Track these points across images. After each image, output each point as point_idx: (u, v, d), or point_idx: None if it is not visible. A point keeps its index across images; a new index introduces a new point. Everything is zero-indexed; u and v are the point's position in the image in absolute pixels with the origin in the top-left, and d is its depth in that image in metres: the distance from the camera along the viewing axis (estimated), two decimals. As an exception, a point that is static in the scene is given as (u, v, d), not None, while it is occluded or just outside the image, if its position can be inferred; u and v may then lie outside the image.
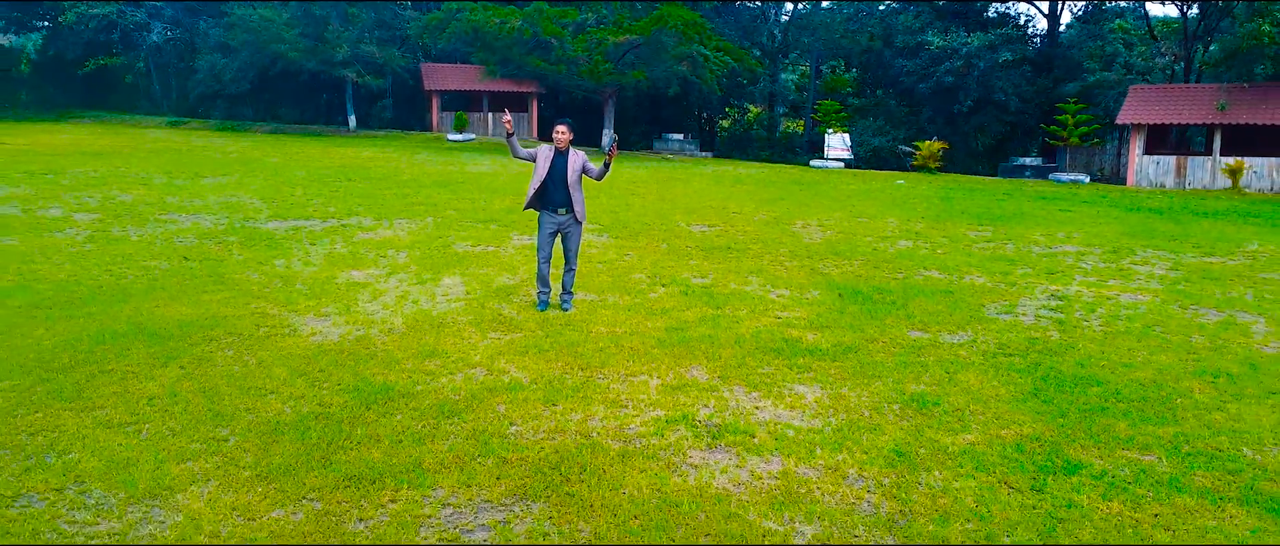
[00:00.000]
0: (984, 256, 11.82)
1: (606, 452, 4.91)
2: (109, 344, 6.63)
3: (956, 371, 6.57)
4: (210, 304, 7.99)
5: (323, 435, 5.03)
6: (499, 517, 4.16)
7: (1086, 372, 6.62)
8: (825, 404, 5.80)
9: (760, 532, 4.07)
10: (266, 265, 9.83)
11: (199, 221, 12.73)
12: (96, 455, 4.69)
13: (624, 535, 4.02)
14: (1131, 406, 5.90)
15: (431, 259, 10.38)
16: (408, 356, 6.57)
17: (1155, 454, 5.12)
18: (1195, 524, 4.28)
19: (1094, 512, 4.35)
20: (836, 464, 4.86)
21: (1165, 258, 12.16)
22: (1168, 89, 29.66)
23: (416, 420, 5.32)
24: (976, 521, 4.23)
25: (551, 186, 7.80)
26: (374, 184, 18.05)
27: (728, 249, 11.74)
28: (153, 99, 45.28)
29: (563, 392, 5.85)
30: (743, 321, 7.88)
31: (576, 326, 7.53)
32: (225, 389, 5.76)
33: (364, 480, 4.49)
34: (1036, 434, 5.36)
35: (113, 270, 9.35)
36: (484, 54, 32.66)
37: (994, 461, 4.93)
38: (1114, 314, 8.64)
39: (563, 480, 4.55)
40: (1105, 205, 19.34)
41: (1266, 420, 5.72)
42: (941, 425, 5.47)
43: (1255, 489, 4.67)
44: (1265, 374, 6.75)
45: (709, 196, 18.22)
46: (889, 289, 9.46)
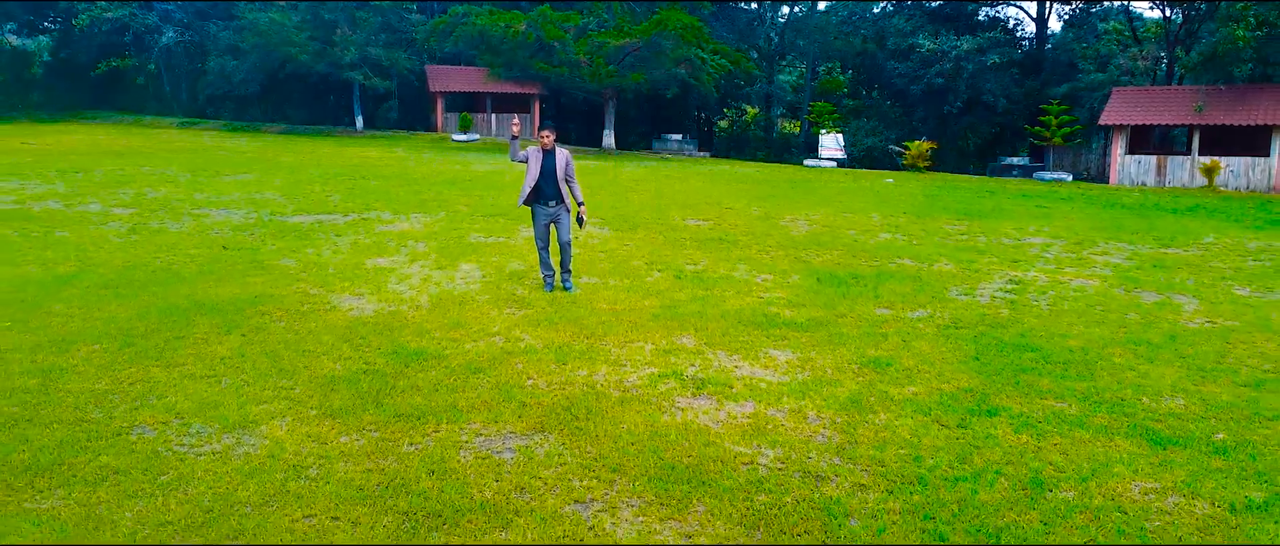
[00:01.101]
0: (955, 247, 12.83)
1: (608, 399, 5.91)
2: (176, 317, 7.64)
3: (912, 340, 7.58)
4: (255, 285, 8.99)
5: (371, 386, 6.03)
6: (522, 444, 5.16)
7: (1024, 341, 7.62)
8: (794, 364, 6.81)
9: (732, 455, 5.07)
10: (299, 253, 10.83)
11: (229, 216, 13.73)
12: (188, 398, 5.70)
13: (623, 456, 5.01)
14: (1056, 367, 6.91)
15: (448, 248, 11.38)
16: (436, 327, 7.58)
17: (1067, 401, 6.12)
18: (1085, 450, 5.27)
19: (1004, 442, 5.35)
20: (799, 408, 5.86)
21: (1124, 249, 13.15)
22: (1149, 91, 30.67)
23: (448, 375, 6.32)
24: (908, 448, 5.23)
25: (543, 182, 8.79)
26: (387, 182, 19.05)
27: (719, 240, 12.74)
28: (162, 100, 46.27)
29: (571, 355, 6.86)
30: (728, 300, 8.88)
31: (581, 304, 8.53)
32: (283, 352, 6.76)
33: (410, 417, 5.49)
34: (970, 387, 6.36)
35: (161, 257, 10.35)
36: (489, 57, 33.70)
37: (931, 406, 5.93)
38: (1062, 295, 9.64)
39: (573, 418, 5.55)
40: (1081, 202, 20.33)
41: (1169, 378, 6.73)
42: (891, 380, 6.47)
43: (1142, 426, 5.67)
44: (1181, 343, 7.75)
45: (704, 193, 19.22)
46: (863, 274, 10.47)
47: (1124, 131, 29.13)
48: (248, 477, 4.60)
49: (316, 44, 36.70)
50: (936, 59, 34.86)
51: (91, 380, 6.00)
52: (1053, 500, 4.61)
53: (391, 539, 4.02)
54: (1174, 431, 5.60)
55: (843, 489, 4.67)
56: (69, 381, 5.96)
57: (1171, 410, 6.01)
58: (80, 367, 6.25)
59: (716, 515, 4.35)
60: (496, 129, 41.00)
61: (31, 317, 7.50)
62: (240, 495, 4.40)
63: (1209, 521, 4.42)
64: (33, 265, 9.66)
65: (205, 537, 3.98)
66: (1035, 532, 4.25)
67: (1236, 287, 10.43)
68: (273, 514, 4.22)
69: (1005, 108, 34.71)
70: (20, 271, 9.32)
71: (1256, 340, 7.96)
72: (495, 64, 34.05)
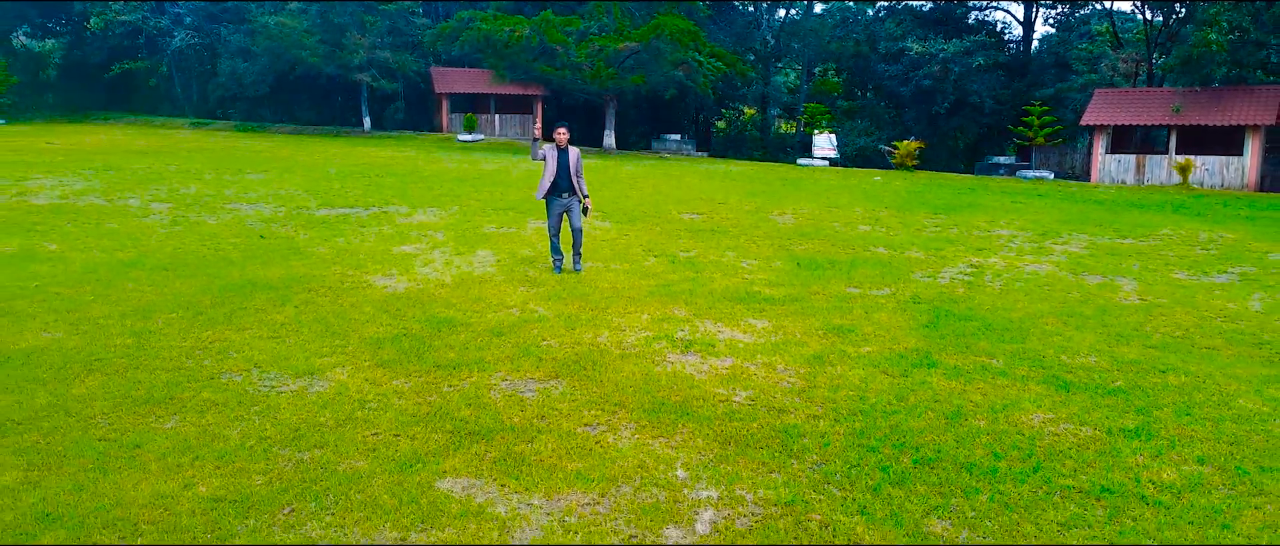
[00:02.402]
0: (928, 238, 13.98)
1: (610, 355, 7.06)
2: (234, 292, 8.79)
3: (873, 312, 8.73)
4: (297, 268, 10.14)
5: (411, 345, 7.18)
6: (541, 387, 6.31)
7: (972, 313, 8.78)
8: (769, 330, 7.96)
9: (712, 394, 6.21)
10: (329, 242, 11.97)
11: (259, 209, 14.87)
12: (261, 353, 6.85)
13: (623, 395, 6.16)
14: (994, 333, 8.06)
15: (465, 237, 12.54)
16: (460, 301, 8.73)
17: (997, 358, 7.27)
18: (1002, 393, 6.42)
19: (937, 386, 6.50)
20: (771, 362, 7.01)
21: (1084, 240, 14.30)
22: (1129, 93, 31.83)
23: (475, 338, 7.47)
24: (856, 390, 6.38)
25: (559, 176, 9.95)
26: (400, 179, 20.19)
27: (711, 231, 13.89)
28: (174, 101, 47.44)
29: (578, 322, 8.01)
30: (716, 280, 10.04)
31: (586, 283, 9.68)
32: (332, 319, 7.92)
33: (447, 367, 6.64)
34: (916, 347, 7.51)
35: (207, 245, 11.50)
36: (494, 60, 34.86)
37: (880, 361, 7.08)
38: (1015, 278, 10.80)
39: (581, 369, 6.70)
40: (1056, 198, 21.48)
41: (1089, 341, 7.88)
42: (850, 342, 7.63)
43: (1054, 375, 6.82)
44: (1109, 316, 8.91)
45: (700, 190, 20.36)
46: (839, 260, 11.62)
47: (1105, 131, 30.28)
48: (323, 408, 5.75)
49: (326, 47, 37.86)
50: (925, 62, 36.05)
51: (177, 339, 7.16)
52: (968, 426, 5.76)
53: (443, 447, 5.17)
54: (1080, 380, 6.76)
55: (800, 418, 5.82)
56: (159, 340, 7.11)
57: (1083, 364, 7.17)
58: (165, 331, 7.40)
59: (697, 435, 5.50)
60: (500, 129, 42.16)
61: (110, 293, 8.66)
62: (320, 419, 5.56)
63: (1088, 440, 5.57)
64: (95, 251, 10.81)
65: (298, 447, 5.13)
66: (948, 447, 5.40)
67: (1176, 272, 11.58)
68: (348, 431, 5.37)
69: (992, 108, 35.90)
70: (88, 256, 10.47)
71: (1176, 314, 9.12)
72: (500, 67, 35.23)
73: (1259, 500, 4.79)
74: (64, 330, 7.33)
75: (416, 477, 4.77)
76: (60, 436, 5.20)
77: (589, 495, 4.64)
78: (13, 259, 10.17)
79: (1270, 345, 7.95)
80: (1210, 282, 10.92)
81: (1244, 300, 9.90)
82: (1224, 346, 7.90)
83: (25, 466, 4.80)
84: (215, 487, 4.60)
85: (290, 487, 4.62)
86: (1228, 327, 8.58)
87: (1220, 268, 12.00)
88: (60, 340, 7.04)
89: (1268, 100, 28.21)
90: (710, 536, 4.25)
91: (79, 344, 6.96)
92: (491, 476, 4.82)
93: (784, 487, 4.78)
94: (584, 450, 5.21)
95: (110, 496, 4.48)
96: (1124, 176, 29.89)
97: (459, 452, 5.11)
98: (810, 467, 5.05)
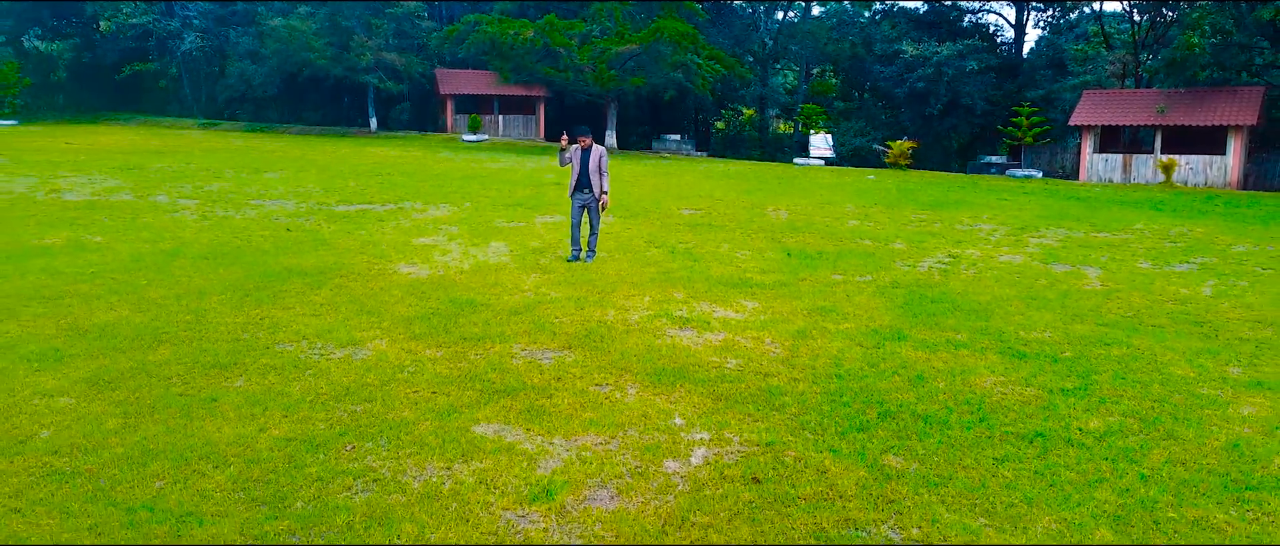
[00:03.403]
0: (913, 231, 14.85)
1: (616, 329, 7.93)
2: (274, 278, 9.66)
3: (854, 295, 9.60)
4: (326, 257, 11.01)
5: (439, 322, 8.05)
6: (556, 355, 7.18)
7: (943, 296, 9.65)
8: (759, 310, 8.83)
9: (706, 361, 7.08)
10: (353, 235, 12.84)
11: (282, 205, 15.75)
12: (308, 327, 7.72)
13: (628, 362, 7.03)
14: (962, 313, 8.93)
15: (478, 231, 13.41)
16: (479, 285, 9.60)
17: (961, 333, 8.14)
18: (962, 361, 7.29)
19: (904, 356, 7.37)
20: (759, 336, 7.88)
21: (1060, 234, 15.17)
22: (1116, 94, 32.69)
23: (494, 316, 8.33)
24: (833, 359, 7.25)
25: (582, 176, 10.85)
26: (411, 177, 21.07)
27: (708, 225, 14.76)
28: (182, 102, 48.36)
29: (587, 303, 8.88)
30: (712, 268, 10.91)
31: (593, 271, 10.56)
32: (366, 300, 8.79)
33: (472, 339, 7.51)
34: (890, 324, 8.38)
35: (239, 237, 12.37)
36: (499, 62, 35.76)
37: (856, 335, 7.95)
38: (989, 267, 11.66)
39: (591, 341, 7.57)
40: (1041, 196, 22.35)
41: (1047, 320, 8.75)
42: (831, 320, 8.50)
43: (1010, 347, 7.69)
44: (1070, 299, 9.77)
45: (699, 188, 21.24)
46: (827, 251, 12.49)
47: (1093, 131, 31.14)
48: (368, 371, 6.62)
49: (334, 49, 38.77)
50: (919, 64, 36.94)
51: (230, 316, 8.03)
52: (928, 387, 6.62)
53: (475, 401, 6.03)
54: (1033, 351, 7.63)
55: (782, 381, 6.68)
56: (215, 317, 7.98)
57: (1038, 338, 8.04)
58: (218, 309, 8.28)
59: (692, 393, 6.37)
60: (503, 130, 43.04)
61: (162, 278, 9.53)
62: (366, 379, 6.43)
63: (1031, 398, 6.43)
64: (137, 243, 11.68)
65: (350, 401, 5.99)
66: (908, 402, 6.27)
67: (1141, 262, 12.45)
68: (392, 389, 6.25)
69: (984, 110, 36.79)
70: (132, 247, 11.34)
71: (1132, 298, 9.98)
72: (505, 69, 36.13)
73: (1168, 443, 5.65)
74: (128, 309, 8.20)
75: (455, 423, 5.64)
76: (146, 392, 6.07)
77: (601, 436, 5.51)
78: (64, 249, 11.04)
79: (1210, 324, 8.82)
80: (1170, 271, 11.79)
81: (1197, 286, 10.76)
82: (1168, 324, 8.77)
83: (123, 415, 5.67)
84: (285, 431, 5.47)
85: (349, 431, 5.49)
86: (1176, 309, 9.44)
87: (1183, 258, 12.86)
88: (127, 317, 7.92)
89: (1250, 101, 29.06)
90: (702, 467, 5.12)
91: (145, 320, 7.83)
92: (519, 423, 5.69)
93: (765, 432, 5.65)
94: (595, 404, 6.08)
95: (199, 436, 5.34)
96: (1111, 175, 30.76)
97: (489, 405, 5.98)
98: (789, 418, 5.92)
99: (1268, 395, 6.62)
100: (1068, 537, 4.40)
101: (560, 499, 4.65)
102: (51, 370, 6.45)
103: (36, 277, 9.37)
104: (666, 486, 4.85)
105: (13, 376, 6.30)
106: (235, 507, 4.48)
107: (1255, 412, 6.23)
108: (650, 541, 4.25)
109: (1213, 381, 6.94)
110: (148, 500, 4.53)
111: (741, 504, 4.66)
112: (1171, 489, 4.98)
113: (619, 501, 4.66)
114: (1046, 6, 40.93)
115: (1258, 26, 28.44)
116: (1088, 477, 5.09)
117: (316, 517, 4.39)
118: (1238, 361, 7.52)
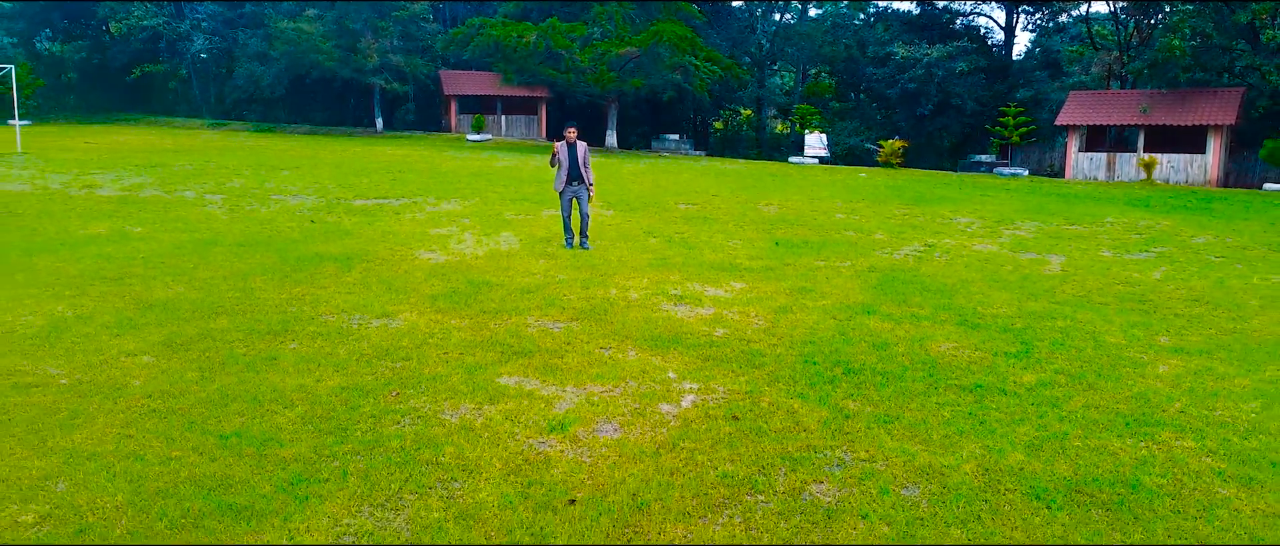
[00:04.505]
0: (895, 224, 15.84)
1: (618, 305, 8.93)
2: (307, 262, 10.66)
3: (833, 278, 10.60)
4: (351, 245, 12.01)
5: (460, 298, 9.04)
6: (565, 325, 8.17)
7: (914, 279, 10.64)
8: (746, 289, 9.83)
9: (697, 331, 8.07)
10: (372, 226, 13.83)
11: (303, 200, 16.74)
12: (345, 302, 8.72)
13: (628, 330, 8.02)
14: (929, 293, 9.93)
15: (488, 223, 14.40)
16: (493, 269, 10.59)
17: (925, 308, 9.14)
18: (921, 331, 8.28)
19: (872, 327, 8.36)
20: (745, 311, 8.88)
21: (1033, 226, 16.16)
22: (1101, 94, 33.71)
23: (509, 294, 9.33)
24: (809, 329, 8.24)
25: (570, 169, 11.84)
26: (421, 175, 22.07)
27: (703, 218, 15.76)
28: (191, 103, 49.34)
29: (592, 283, 9.88)
30: (705, 255, 11.90)
31: (596, 257, 11.55)
32: (392, 281, 9.78)
33: (491, 312, 8.51)
34: (862, 301, 9.38)
35: (268, 228, 13.36)
36: (503, 64, 36.80)
37: (831, 310, 8.95)
38: (960, 254, 12.66)
39: (596, 314, 8.56)
40: (1022, 192, 23.35)
41: (1005, 298, 9.74)
42: (810, 298, 9.49)
43: (966, 320, 8.68)
44: (1030, 281, 10.77)
45: (696, 185, 22.24)
46: (812, 241, 13.49)
47: (1079, 131, 32.16)
48: (402, 336, 7.62)
49: (341, 51, 39.78)
50: (910, 65, 37.97)
51: (274, 293, 9.02)
52: (889, 351, 7.62)
53: (497, 360, 7.03)
54: (986, 323, 8.63)
55: (762, 346, 7.68)
56: (261, 294, 8.98)
57: (994, 313, 9.04)
58: (262, 288, 9.27)
59: (684, 355, 7.36)
60: (506, 130, 44.04)
61: (207, 262, 10.53)
62: (402, 343, 7.42)
63: (978, 359, 7.43)
64: (176, 233, 12.67)
65: (391, 359, 6.98)
66: (870, 362, 7.26)
67: (1103, 251, 13.44)
68: (426, 350, 7.24)
69: (974, 110, 37.82)
70: (172, 236, 12.33)
71: (1087, 281, 10.98)
72: (509, 71, 37.17)
73: (1088, 392, 6.65)
74: (183, 287, 9.20)
75: (481, 376, 6.64)
76: (214, 353, 7.06)
77: (606, 386, 6.50)
78: (111, 238, 12.04)
79: (1151, 302, 9.82)
80: (1128, 259, 12.78)
81: (1150, 272, 11.76)
82: (1113, 302, 9.77)
83: (198, 369, 6.66)
84: (339, 382, 6.46)
85: (392, 382, 6.48)
86: (1124, 290, 10.44)
87: (1144, 247, 13.86)
88: (184, 293, 8.92)
89: (1229, 101, 30.07)
90: (690, 409, 6.11)
91: (200, 296, 8.83)
92: (536, 376, 6.69)
93: (745, 384, 6.64)
94: (601, 362, 7.07)
95: (267, 385, 6.34)
96: (1096, 173, 31.76)
97: (509, 363, 6.98)
98: (766, 374, 6.91)
99: (1184, 358, 7.62)
100: (987, 461, 5.39)
101: (573, 430, 5.65)
102: (129, 335, 7.45)
103: (94, 262, 10.37)
104: (660, 422, 5.85)
105: (97, 340, 7.30)
106: (307, 435, 5.47)
107: (1169, 371, 7.23)
108: (647, 460, 5.24)
109: (1140, 347, 7.94)
110: (235, 430, 5.52)
111: (722, 435, 5.65)
112: (1082, 425, 5.97)
113: (621, 432, 5.65)
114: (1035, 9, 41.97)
115: (1236, 29, 29.44)
116: (1013, 417, 6.09)
117: (375, 442, 5.38)
118: (1167, 332, 8.52)
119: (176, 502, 4.54)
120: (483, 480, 4.89)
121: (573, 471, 5.04)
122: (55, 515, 4.40)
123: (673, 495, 4.78)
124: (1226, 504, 4.84)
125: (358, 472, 4.95)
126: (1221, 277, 11.37)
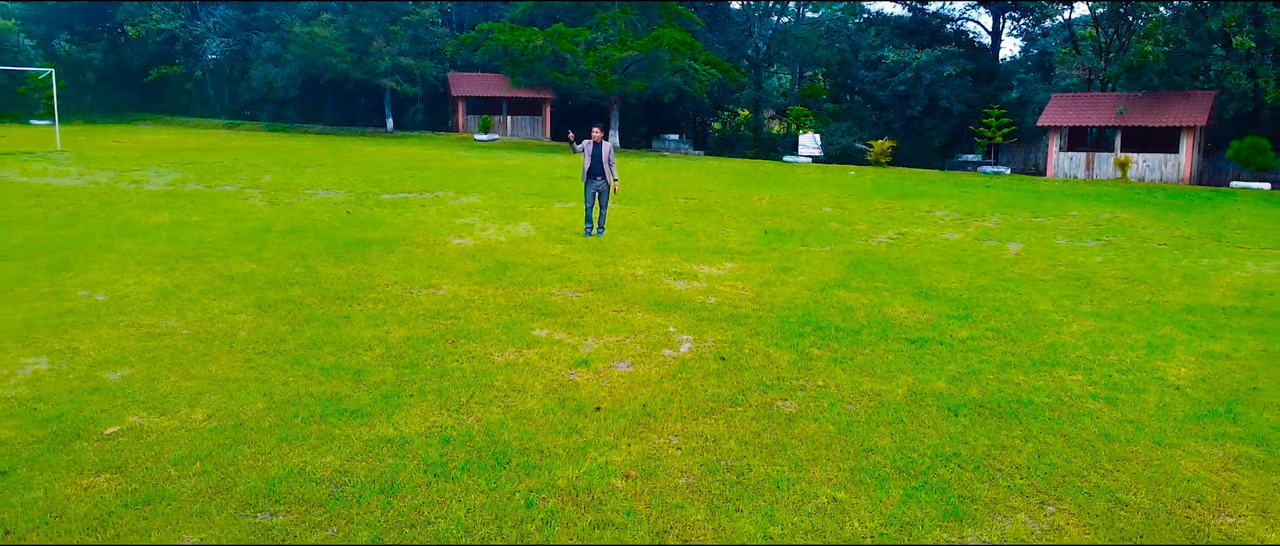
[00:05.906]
0: (876, 216, 17.41)
1: (626, 279, 10.50)
2: (354, 246, 12.22)
3: (811, 259, 12.17)
4: (387, 232, 13.56)
5: (492, 273, 10.61)
6: (582, 294, 9.73)
7: (884, 261, 12.21)
8: (736, 268, 11.40)
9: (694, 299, 9.64)
10: (402, 217, 15.39)
11: (333, 194, 18.29)
12: (394, 276, 10.28)
13: (635, 299, 9.58)
14: (894, 272, 11.49)
15: (506, 213, 15.97)
16: (514, 252, 12.16)
17: (889, 285, 10.70)
18: (882, 300, 9.84)
19: (841, 298, 9.92)
20: (734, 285, 10.44)
21: (1002, 218, 17.73)
22: (1081, 97, 35.29)
23: (532, 271, 10.89)
24: (788, 299, 9.80)
25: (593, 166, 13.42)
26: (437, 172, 23.63)
27: (700, 211, 17.33)
28: (206, 104, 50.93)
29: (603, 263, 11.45)
30: (701, 241, 13.47)
31: (604, 242, 13.11)
32: (431, 261, 11.34)
33: (519, 284, 10.07)
34: (835, 278, 10.95)
35: (309, 218, 14.91)
36: (510, 67, 38.41)
37: (808, 284, 10.52)
38: (929, 242, 14.23)
39: (607, 286, 10.12)
40: (1000, 189, 24.92)
41: (959, 276, 11.31)
42: (791, 275, 11.06)
43: (922, 292, 10.25)
44: (986, 262, 12.33)
45: (694, 182, 23.80)
46: (797, 230, 15.06)
47: (1060, 131, 33.74)
48: (448, 302, 9.18)
49: (354, 54, 41.35)
50: (900, 69, 39.58)
51: (333, 270, 10.59)
52: (852, 314, 9.18)
53: (529, 318, 8.59)
54: (938, 294, 10.19)
55: (747, 310, 9.24)
56: (323, 270, 10.54)
57: (945, 287, 10.60)
58: (322, 266, 10.83)
59: (682, 316, 8.92)
60: (512, 130, 45.61)
61: (267, 245, 12.09)
62: (449, 306, 8.98)
63: (925, 321, 8.98)
64: (229, 221, 14.22)
65: (442, 319, 8.53)
66: (835, 322, 8.81)
67: (1058, 239, 15.01)
68: (470, 311, 8.80)
69: (962, 111, 39.43)
70: (226, 224, 13.89)
71: (1036, 263, 12.54)
72: (515, 73, 38.79)
73: (1009, 344, 8.21)
74: (255, 264, 10.76)
75: (518, 330, 8.20)
76: (298, 313, 8.62)
77: (619, 336, 8.07)
78: (174, 226, 13.60)
79: (1084, 279, 11.39)
80: (1079, 246, 14.35)
81: (1094, 256, 13.32)
82: (1053, 281, 11.34)
83: (289, 324, 8.22)
84: (404, 333, 8.02)
85: (446, 334, 8.04)
86: (1065, 271, 12.01)
87: (1096, 237, 15.42)
88: (257, 269, 10.48)
89: (1201, 104, 31.65)
90: (687, 353, 7.67)
91: (271, 272, 10.39)
92: (563, 330, 8.26)
93: (732, 336, 8.20)
94: (614, 320, 8.64)
95: (347, 335, 7.89)
96: (1076, 172, 33.34)
97: (540, 320, 8.54)
98: (748, 330, 8.47)
99: (1096, 320, 9.19)
100: (916, 387, 6.95)
101: (595, 365, 7.21)
102: (225, 299, 9.01)
103: (169, 245, 11.94)
104: (663, 362, 7.41)
105: (200, 303, 8.86)
106: (389, 368, 7.03)
107: (1080, 329, 8.80)
108: (653, 384, 6.80)
109: (1063, 313, 9.51)
110: (330, 366, 7.08)
111: (712, 370, 7.21)
112: (997, 365, 7.54)
113: (633, 367, 7.22)
114: (1021, 15, 43.60)
115: (1208, 36, 31.01)
116: (943, 360, 7.65)
117: (442, 373, 6.94)
118: (1091, 302, 10.09)
119: (304, 407, 6.09)
120: (529, 396, 6.45)
121: (597, 391, 6.61)
122: (218, 414, 5.95)
123: (673, 406, 6.34)
124: (1091, 414, 6.41)
125: (434, 391, 6.51)
126: (1155, 261, 12.94)
